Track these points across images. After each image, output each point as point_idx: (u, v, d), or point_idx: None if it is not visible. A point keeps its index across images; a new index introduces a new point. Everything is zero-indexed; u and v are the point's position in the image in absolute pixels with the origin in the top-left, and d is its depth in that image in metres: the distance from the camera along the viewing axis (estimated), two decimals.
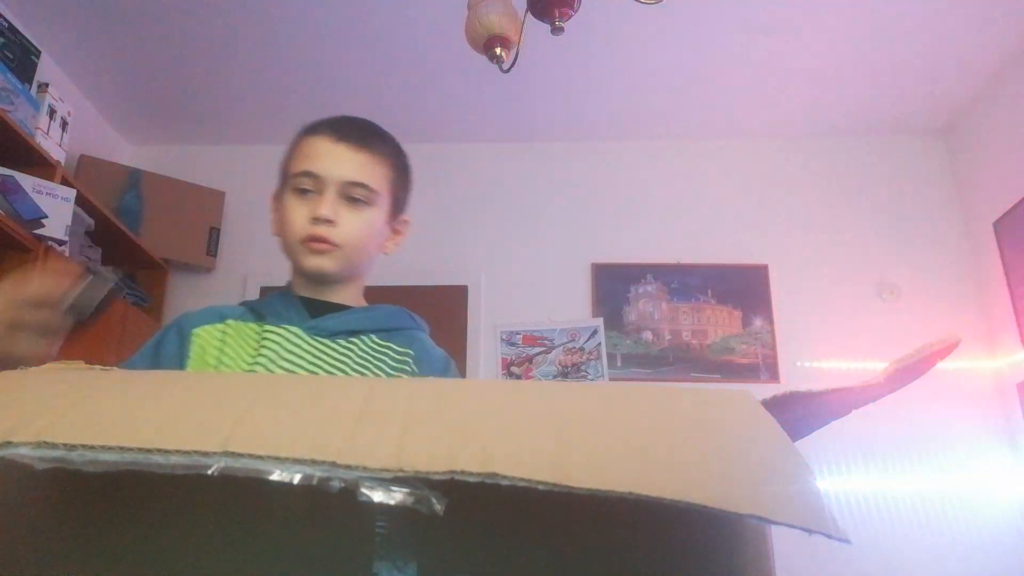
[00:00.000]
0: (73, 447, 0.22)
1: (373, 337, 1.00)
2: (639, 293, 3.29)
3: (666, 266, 3.33)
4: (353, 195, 0.99)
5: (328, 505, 0.25)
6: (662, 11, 2.49)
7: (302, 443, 0.22)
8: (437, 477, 0.21)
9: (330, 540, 0.27)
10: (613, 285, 3.31)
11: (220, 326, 0.97)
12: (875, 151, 3.46)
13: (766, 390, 0.50)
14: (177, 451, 0.22)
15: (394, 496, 0.21)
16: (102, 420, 0.24)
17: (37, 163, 2.50)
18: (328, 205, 0.96)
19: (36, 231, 2.40)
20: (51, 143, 2.60)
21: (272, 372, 0.87)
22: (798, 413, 0.40)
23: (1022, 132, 2.93)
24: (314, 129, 1.04)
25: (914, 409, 2.95)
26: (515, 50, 1.88)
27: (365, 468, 0.21)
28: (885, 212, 3.35)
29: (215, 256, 3.40)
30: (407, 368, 0.98)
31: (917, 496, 2.91)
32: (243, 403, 0.27)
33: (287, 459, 0.21)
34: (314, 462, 0.21)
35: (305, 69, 3.10)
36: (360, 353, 0.97)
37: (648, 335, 3.23)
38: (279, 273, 3.78)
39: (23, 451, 0.23)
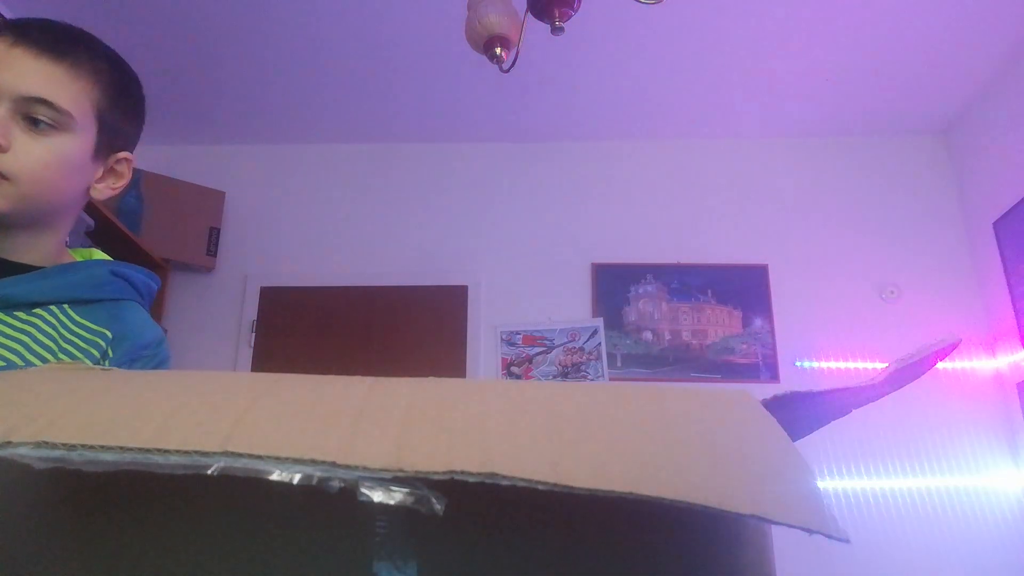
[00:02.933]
0: (73, 447, 0.22)
1: (68, 309, 0.79)
2: (639, 293, 3.29)
3: (666, 266, 3.33)
4: (34, 115, 0.75)
5: (328, 505, 0.25)
6: (662, 11, 2.50)
7: (302, 443, 0.22)
8: (437, 477, 0.21)
9: (330, 540, 0.27)
10: (613, 285, 3.31)
11: None
12: (875, 151, 3.46)
13: (766, 390, 0.50)
14: (177, 451, 0.22)
15: (394, 496, 0.21)
16: (102, 420, 0.24)
17: None
18: None
19: None
20: None
21: None
22: (798, 413, 0.40)
23: (1022, 132, 2.93)
24: None
25: (914, 409, 2.95)
26: (515, 50, 1.88)
27: (365, 468, 0.21)
28: (885, 212, 3.36)
29: (215, 256, 3.41)
30: (95, 353, 0.79)
31: (917, 496, 2.91)
32: (243, 402, 0.27)
33: (287, 459, 0.21)
34: (314, 462, 0.21)
35: (305, 69, 3.11)
36: (45, 329, 0.76)
37: (648, 335, 3.24)
38: (279, 273, 3.80)
39: (23, 451, 0.23)
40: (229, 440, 0.22)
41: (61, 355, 0.76)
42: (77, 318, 0.79)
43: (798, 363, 3.15)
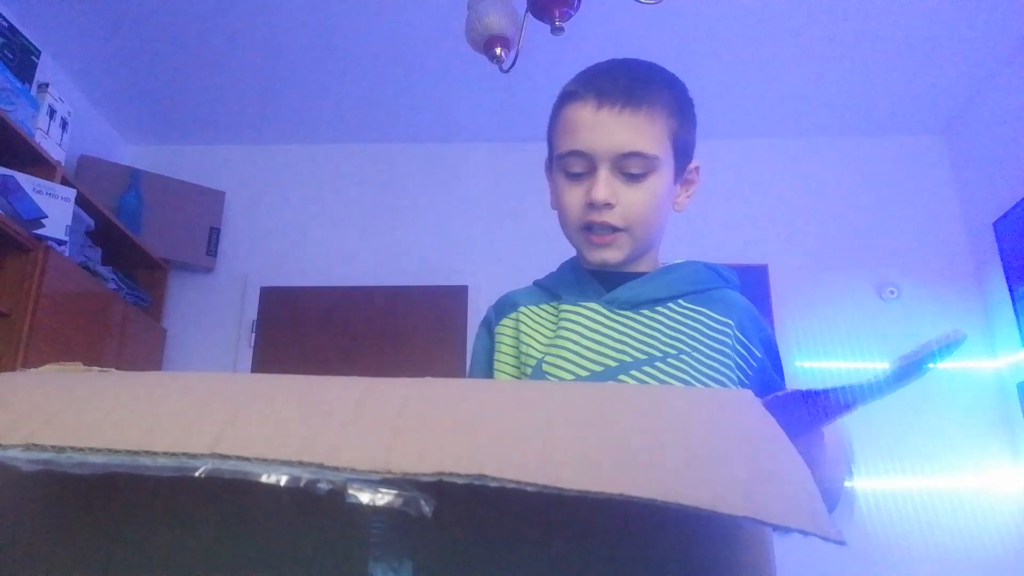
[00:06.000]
0: (62, 449, 0.22)
1: (682, 302, 0.89)
2: None
3: None
4: (630, 169, 0.85)
5: (323, 506, 0.25)
6: (662, 11, 2.49)
7: (291, 444, 0.22)
8: (425, 479, 0.21)
9: (324, 541, 0.27)
10: None
11: (513, 315, 0.93)
12: (875, 151, 3.46)
13: None
14: (165, 453, 0.21)
15: (382, 498, 0.21)
16: (92, 422, 0.24)
17: (37, 163, 2.50)
18: (603, 187, 0.84)
19: (36, 231, 2.40)
20: (51, 143, 2.60)
21: (577, 352, 0.83)
22: (800, 411, 0.40)
23: (1022, 132, 2.93)
24: (573, 94, 0.89)
25: (914, 409, 2.94)
26: (515, 50, 1.88)
27: (353, 470, 0.21)
28: (885, 212, 3.35)
29: (215, 256, 3.40)
30: (727, 340, 0.86)
31: (917, 496, 2.91)
32: (236, 404, 0.27)
33: (274, 460, 0.21)
34: (302, 464, 0.21)
35: (305, 69, 3.10)
36: (670, 323, 0.86)
37: None
38: (279, 273, 3.80)
39: (12, 453, 0.23)
40: (218, 442, 0.22)
41: (692, 343, 0.85)
42: (695, 307, 0.89)
43: (798, 363, 3.15)
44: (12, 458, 0.22)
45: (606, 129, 0.84)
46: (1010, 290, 2.96)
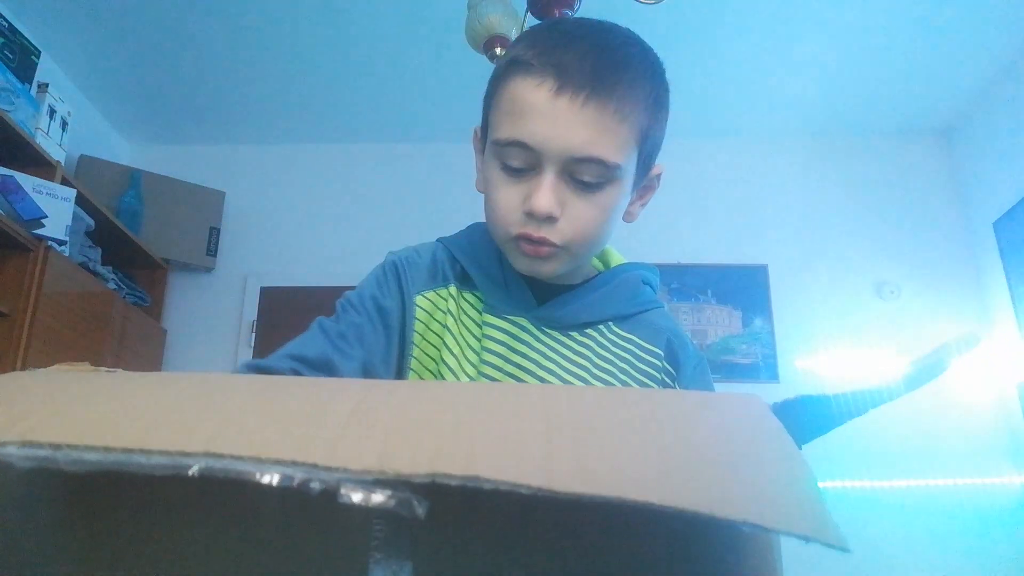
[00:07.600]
0: (58, 447, 0.22)
1: (612, 326, 0.78)
2: None
3: (666, 266, 3.32)
4: (582, 176, 0.67)
5: (323, 507, 0.25)
6: (662, 11, 2.49)
7: (285, 444, 0.22)
8: (418, 479, 0.21)
9: (322, 542, 0.27)
10: None
11: (444, 292, 0.79)
12: (875, 151, 3.46)
13: (766, 390, 0.49)
14: (159, 451, 0.21)
15: (375, 499, 0.21)
16: (89, 419, 0.24)
17: (37, 163, 2.50)
18: (548, 196, 0.66)
19: (36, 231, 2.40)
20: (51, 143, 2.60)
21: (499, 378, 0.72)
22: (808, 416, 0.39)
23: (1022, 132, 2.93)
24: (527, 67, 0.67)
25: (914, 409, 2.94)
26: None
27: (346, 470, 0.21)
28: (885, 212, 3.35)
29: (215, 256, 3.41)
30: (655, 374, 0.77)
31: (917, 496, 2.91)
32: (233, 404, 0.27)
33: (268, 460, 0.21)
34: (295, 463, 0.21)
35: (305, 69, 3.11)
36: (599, 351, 0.76)
37: None
38: (279, 273, 3.78)
39: (9, 450, 0.23)
40: (212, 441, 0.22)
41: (622, 376, 0.76)
42: (625, 333, 0.79)
43: (798, 363, 3.15)
44: (7, 455, 0.22)
45: (563, 123, 0.65)
46: (1010, 290, 2.96)
